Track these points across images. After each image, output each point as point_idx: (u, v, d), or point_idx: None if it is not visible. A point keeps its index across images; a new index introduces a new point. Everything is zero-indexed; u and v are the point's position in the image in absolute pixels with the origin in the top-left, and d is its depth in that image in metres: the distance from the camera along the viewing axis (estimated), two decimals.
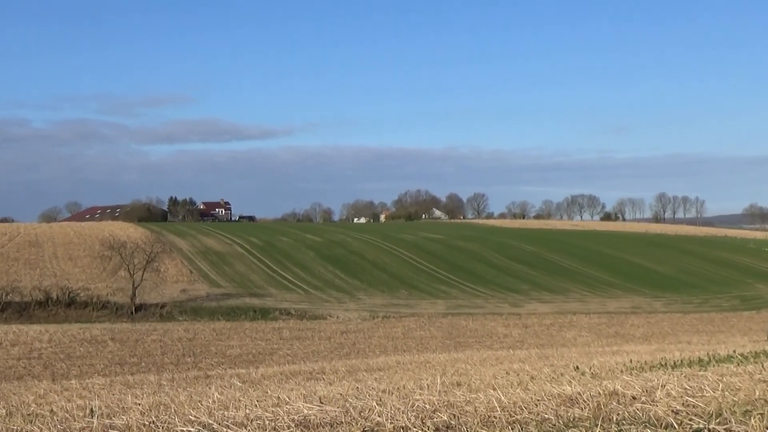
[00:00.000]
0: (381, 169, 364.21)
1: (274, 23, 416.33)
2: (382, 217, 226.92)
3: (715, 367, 12.83)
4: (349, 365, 30.36)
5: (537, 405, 7.58)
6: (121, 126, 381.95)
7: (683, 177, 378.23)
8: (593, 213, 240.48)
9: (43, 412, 11.38)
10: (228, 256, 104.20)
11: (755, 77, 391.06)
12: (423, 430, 6.65)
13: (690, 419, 6.55)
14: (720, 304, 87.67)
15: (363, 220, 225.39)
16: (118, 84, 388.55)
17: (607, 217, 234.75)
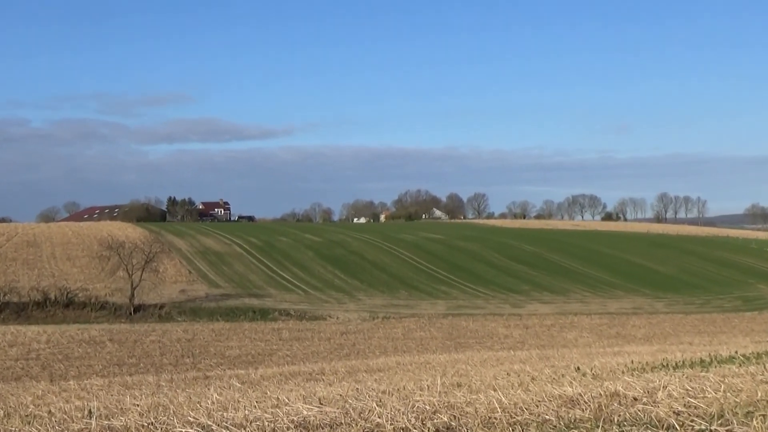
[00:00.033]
0: (381, 169, 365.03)
1: (273, 23, 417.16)
2: (382, 217, 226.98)
3: (717, 368, 12.80)
4: (349, 366, 30.32)
5: (538, 406, 7.57)
6: (120, 126, 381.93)
7: (684, 177, 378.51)
8: (594, 213, 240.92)
9: (41, 413, 11.35)
10: (227, 256, 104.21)
11: (757, 77, 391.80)
12: (423, 431, 6.62)
13: (692, 420, 6.55)
14: (722, 305, 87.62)
15: (363, 220, 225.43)
16: (118, 84, 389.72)
17: (608, 217, 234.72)
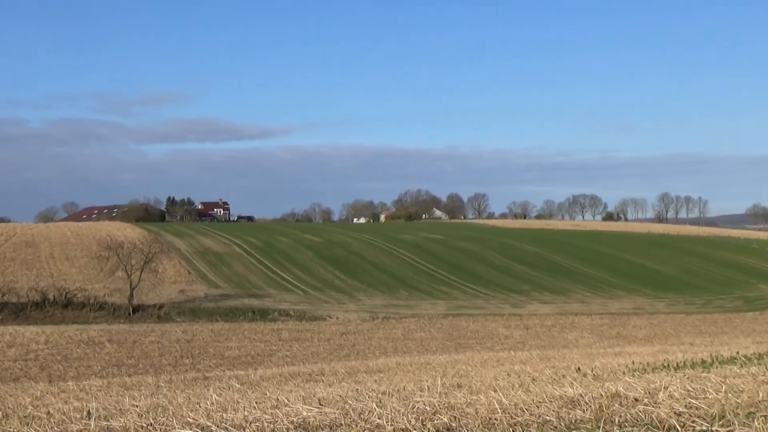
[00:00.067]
0: (381, 168, 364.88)
1: (272, 22, 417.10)
2: (382, 217, 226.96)
3: (718, 368, 12.77)
4: (349, 367, 30.28)
5: (538, 407, 7.55)
6: (119, 125, 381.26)
7: (686, 177, 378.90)
8: (595, 213, 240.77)
9: (39, 414, 11.32)
10: (226, 256, 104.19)
11: (758, 76, 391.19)
12: None
13: (693, 421, 6.53)
14: (723, 305, 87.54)
15: (363, 220, 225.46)
16: (116, 83, 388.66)
17: (609, 217, 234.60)
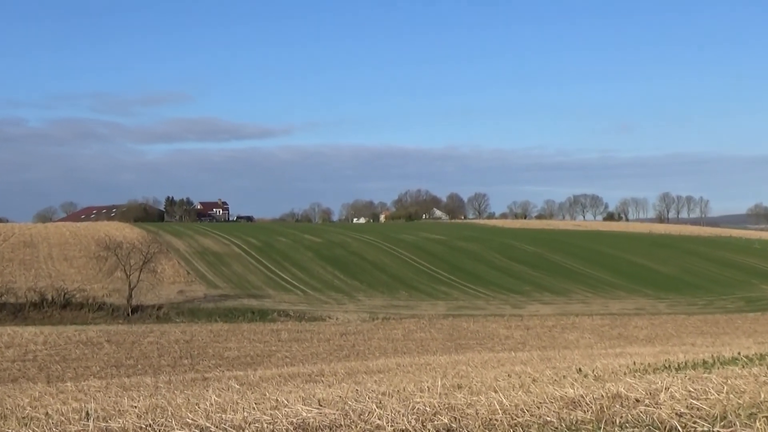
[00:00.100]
0: (381, 168, 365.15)
1: (272, 22, 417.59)
2: (382, 218, 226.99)
3: (720, 369, 12.74)
4: (349, 367, 30.25)
5: (539, 408, 7.53)
6: (118, 125, 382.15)
7: (687, 177, 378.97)
8: (596, 213, 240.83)
9: (38, 414, 11.30)
10: (226, 256, 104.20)
11: (760, 76, 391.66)
12: None
13: (694, 422, 6.52)
14: (725, 306, 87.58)
15: (362, 220, 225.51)
16: (115, 82, 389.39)
17: (610, 217, 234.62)
